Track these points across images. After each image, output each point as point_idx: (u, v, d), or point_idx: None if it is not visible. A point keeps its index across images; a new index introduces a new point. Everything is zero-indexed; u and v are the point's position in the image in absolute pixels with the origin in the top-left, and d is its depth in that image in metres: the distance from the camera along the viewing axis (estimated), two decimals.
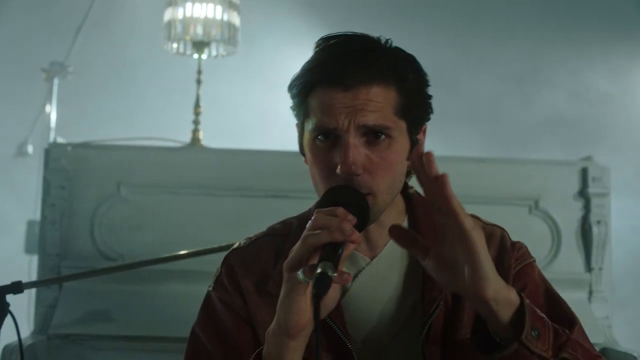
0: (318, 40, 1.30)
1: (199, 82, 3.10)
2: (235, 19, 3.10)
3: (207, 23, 3.02)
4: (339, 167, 1.21)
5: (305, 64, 1.29)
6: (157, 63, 4.38)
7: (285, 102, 1.32)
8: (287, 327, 1.15)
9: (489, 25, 4.58)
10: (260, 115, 4.51)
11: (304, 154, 1.34)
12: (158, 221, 2.70)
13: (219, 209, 2.72)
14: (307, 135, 1.29)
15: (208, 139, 3.13)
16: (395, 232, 1.15)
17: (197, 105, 3.10)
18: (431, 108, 1.32)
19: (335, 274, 1.06)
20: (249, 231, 2.70)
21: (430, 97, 1.31)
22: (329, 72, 1.23)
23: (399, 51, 1.29)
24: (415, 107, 1.28)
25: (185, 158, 2.83)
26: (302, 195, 2.75)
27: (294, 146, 1.39)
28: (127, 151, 2.80)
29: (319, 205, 1.20)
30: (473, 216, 1.32)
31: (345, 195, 1.20)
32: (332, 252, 1.09)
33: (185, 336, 1.34)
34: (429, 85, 1.31)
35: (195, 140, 3.06)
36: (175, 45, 3.17)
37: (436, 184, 1.06)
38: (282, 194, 2.72)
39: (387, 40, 1.29)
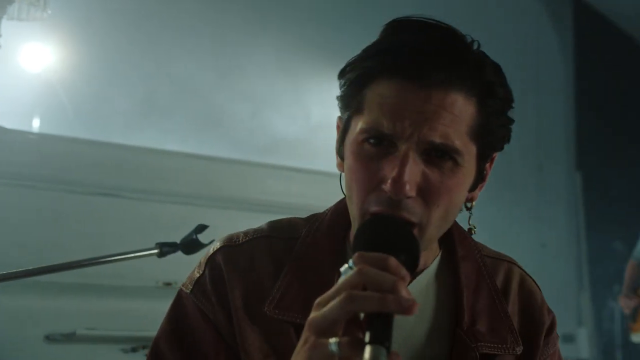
0: (389, 22, 1.03)
1: None
2: None
3: None
4: (388, 183, 0.94)
5: (368, 47, 1.01)
6: None
7: None
8: None
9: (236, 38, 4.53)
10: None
11: (341, 156, 1.05)
12: None
13: (32, 204, 2.29)
14: (352, 134, 1.00)
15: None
16: None
17: None
18: (509, 135, 1.05)
19: None
20: (69, 233, 2.36)
21: (512, 121, 1.04)
22: (400, 61, 0.95)
23: (486, 57, 1.01)
24: (493, 131, 1.01)
25: None
26: (135, 195, 2.47)
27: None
28: None
29: (357, 240, 0.92)
30: (513, 263, 1.18)
31: (393, 232, 0.91)
32: (381, 327, 0.79)
33: None
34: (513, 107, 1.04)
35: None
36: None
37: None
38: (111, 192, 2.38)
39: (474, 41, 1.02)
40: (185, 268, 2.13)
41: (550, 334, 1.13)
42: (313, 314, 0.82)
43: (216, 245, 1.11)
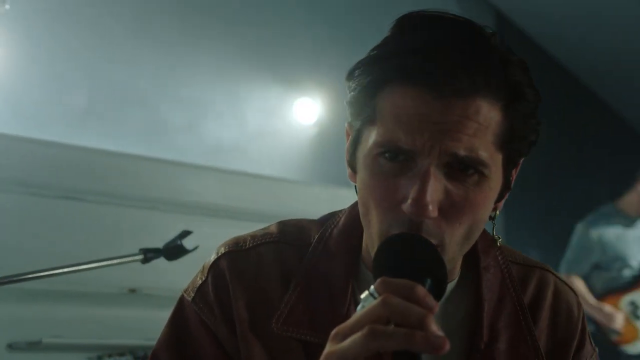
0: (400, 18, 0.91)
1: None
2: None
3: None
4: (408, 203, 0.84)
5: (378, 46, 0.90)
6: None
7: None
8: None
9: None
10: None
11: (352, 167, 0.96)
12: None
13: None
14: (366, 147, 0.90)
15: None
16: None
17: None
18: (537, 138, 0.95)
19: None
20: (32, 236, 2.27)
21: (540, 123, 0.94)
22: (416, 67, 0.84)
23: (510, 53, 0.90)
24: (522, 137, 0.91)
25: None
26: (100, 199, 2.41)
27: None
28: None
29: (377, 262, 0.83)
30: (546, 270, 1.10)
31: (416, 253, 0.82)
32: None
33: None
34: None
35: None
36: None
37: None
38: (76, 195, 2.32)
39: (494, 33, 0.90)
40: (150, 274, 2.11)
41: (581, 349, 1.06)
42: (331, 348, 0.74)
43: (220, 249, 1.03)
